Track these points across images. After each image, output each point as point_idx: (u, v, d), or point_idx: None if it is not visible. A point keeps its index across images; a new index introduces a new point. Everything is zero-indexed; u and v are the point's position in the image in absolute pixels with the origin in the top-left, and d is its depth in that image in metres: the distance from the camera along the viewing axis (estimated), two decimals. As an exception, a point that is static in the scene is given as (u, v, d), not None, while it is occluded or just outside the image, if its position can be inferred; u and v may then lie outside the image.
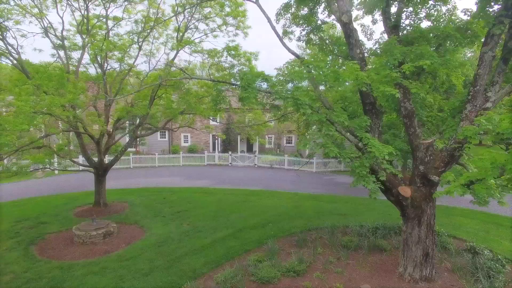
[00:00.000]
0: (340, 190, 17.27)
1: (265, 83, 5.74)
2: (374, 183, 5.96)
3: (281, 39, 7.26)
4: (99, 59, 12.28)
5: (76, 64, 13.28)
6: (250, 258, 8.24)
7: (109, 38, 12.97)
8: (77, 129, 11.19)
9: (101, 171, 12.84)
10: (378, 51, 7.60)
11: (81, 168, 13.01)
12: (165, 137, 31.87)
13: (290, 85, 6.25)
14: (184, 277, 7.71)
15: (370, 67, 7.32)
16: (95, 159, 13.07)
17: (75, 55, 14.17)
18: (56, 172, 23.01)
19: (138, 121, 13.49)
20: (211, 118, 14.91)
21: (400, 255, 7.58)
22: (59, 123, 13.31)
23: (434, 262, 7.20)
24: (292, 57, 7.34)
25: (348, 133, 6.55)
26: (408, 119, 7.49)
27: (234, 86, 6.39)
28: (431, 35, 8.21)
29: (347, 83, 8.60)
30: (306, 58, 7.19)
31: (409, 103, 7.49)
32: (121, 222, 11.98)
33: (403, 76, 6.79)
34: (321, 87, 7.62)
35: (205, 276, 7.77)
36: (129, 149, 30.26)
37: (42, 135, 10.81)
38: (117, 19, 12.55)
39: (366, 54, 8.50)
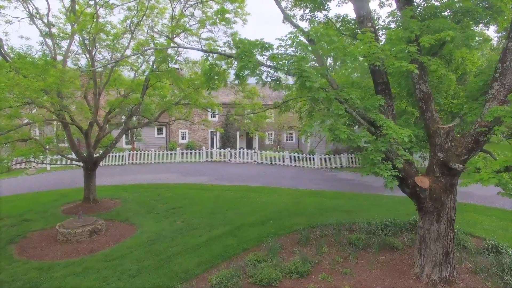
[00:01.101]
0: (343, 187, 16.49)
1: (265, 56, 4.95)
2: (390, 171, 5.17)
3: (282, 10, 6.47)
4: (87, 45, 11.47)
5: (68, 55, 12.48)
6: (248, 258, 7.47)
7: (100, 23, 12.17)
8: (63, 119, 10.38)
9: (90, 165, 12.06)
10: (392, 26, 6.81)
11: (70, 162, 12.18)
12: (162, 134, 31.08)
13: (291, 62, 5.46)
14: (175, 278, 6.94)
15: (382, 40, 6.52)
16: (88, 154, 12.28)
17: (65, 44, 13.41)
18: (49, 168, 22.27)
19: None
20: (209, 110, 14.10)
21: (415, 254, 6.79)
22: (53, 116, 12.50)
23: (454, 262, 6.42)
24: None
25: (359, 116, 5.76)
26: (424, 103, 6.72)
27: (228, 58, 5.60)
28: (447, 13, 7.45)
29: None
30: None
31: (425, 85, 6.72)
32: (111, 219, 11.22)
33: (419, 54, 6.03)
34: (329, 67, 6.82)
35: (198, 278, 7.00)
36: (124, 146, 29.59)
37: (21, 124, 10.01)
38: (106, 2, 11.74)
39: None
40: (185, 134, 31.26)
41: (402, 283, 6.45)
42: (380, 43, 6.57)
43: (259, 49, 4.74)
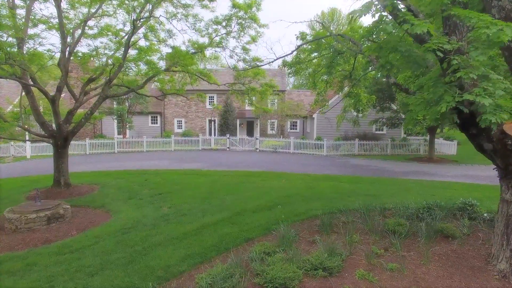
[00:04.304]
0: (359, 172, 14.42)
1: None
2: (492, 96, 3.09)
3: None
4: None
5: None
6: (253, 250, 5.40)
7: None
8: (19, 79, 8.28)
9: (60, 141, 9.96)
10: None
11: (37, 137, 10.09)
12: (156, 123, 29.00)
13: None
14: (149, 277, 4.89)
15: None
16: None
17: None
18: (28, 156, 20.20)
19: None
20: (204, 78, 12.00)
21: (496, 243, 4.72)
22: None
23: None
24: None
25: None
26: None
27: None
28: None
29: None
30: None
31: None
32: (83, 205, 9.20)
33: None
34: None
35: (182, 276, 4.95)
36: (116, 135, 27.47)
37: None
38: None
39: None
40: (181, 123, 29.16)
41: (482, 284, 4.38)
42: None
43: None
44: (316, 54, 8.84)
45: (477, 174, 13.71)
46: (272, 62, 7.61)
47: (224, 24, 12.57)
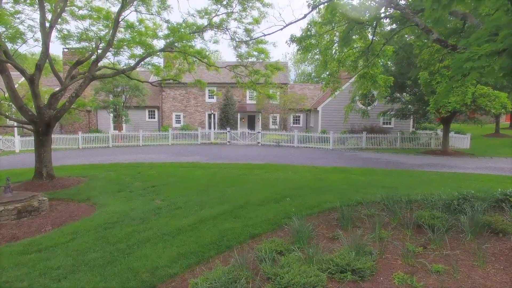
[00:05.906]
0: (371, 164, 13.35)
1: None
2: None
3: None
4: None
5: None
6: (262, 247, 4.36)
7: None
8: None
9: (41, 127, 8.90)
10: None
11: (17, 123, 9.03)
12: (154, 117, 27.93)
13: None
14: (131, 281, 3.88)
15: None
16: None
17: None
18: (17, 150, 19.14)
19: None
20: (204, 61, 10.93)
21: None
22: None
23: None
24: None
25: None
26: None
27: None
28: None
29: None
30: None
31: None
32: (66, 198, 8.18)
33: None
34: None
35: (174, 281, 3.93)
36: (111, 130, 26.39)
37: None
38: None
39: None
40: (179, 117, 28.09)
41: None
42: None
43: None
44: (328, 27, 7.82)
45: (500, 166, 12.66)
46: (282, 29, 6.57)
47: (225, 2, 11.52)
